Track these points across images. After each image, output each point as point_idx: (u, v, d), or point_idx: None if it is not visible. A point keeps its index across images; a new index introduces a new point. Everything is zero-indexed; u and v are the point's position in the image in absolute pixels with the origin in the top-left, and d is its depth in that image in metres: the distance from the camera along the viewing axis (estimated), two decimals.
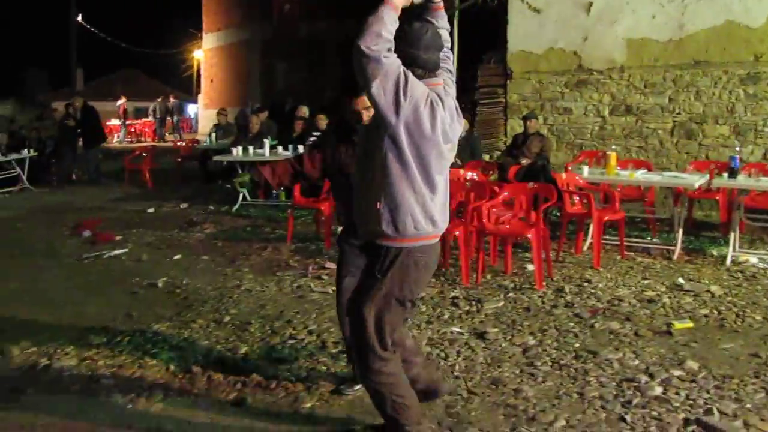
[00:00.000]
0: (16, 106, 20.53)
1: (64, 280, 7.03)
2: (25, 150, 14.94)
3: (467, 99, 11.63)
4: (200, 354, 4.76)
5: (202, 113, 28.65)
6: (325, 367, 4.48)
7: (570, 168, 8.48)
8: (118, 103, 30.11)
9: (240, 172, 10.75)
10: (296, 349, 4.79)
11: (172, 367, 4.55)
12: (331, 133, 11.50)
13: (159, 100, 29.69)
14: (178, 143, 20.46)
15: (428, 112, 2.90)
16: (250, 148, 10.87)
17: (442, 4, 3.22)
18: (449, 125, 3.00)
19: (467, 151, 9.02)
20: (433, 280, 6.46)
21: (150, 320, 5.56)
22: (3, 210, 12.08)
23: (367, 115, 3.80)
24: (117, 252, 8.10)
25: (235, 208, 10.71)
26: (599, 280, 6.33)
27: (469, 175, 7.81)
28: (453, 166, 8.32)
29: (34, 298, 6.39)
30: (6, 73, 29.41)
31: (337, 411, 3.87)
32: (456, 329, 5.15)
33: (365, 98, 3.86)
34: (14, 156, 14.64)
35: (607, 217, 7.12)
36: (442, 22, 3.22)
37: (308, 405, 3.94)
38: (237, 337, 5.14)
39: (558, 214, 8.21)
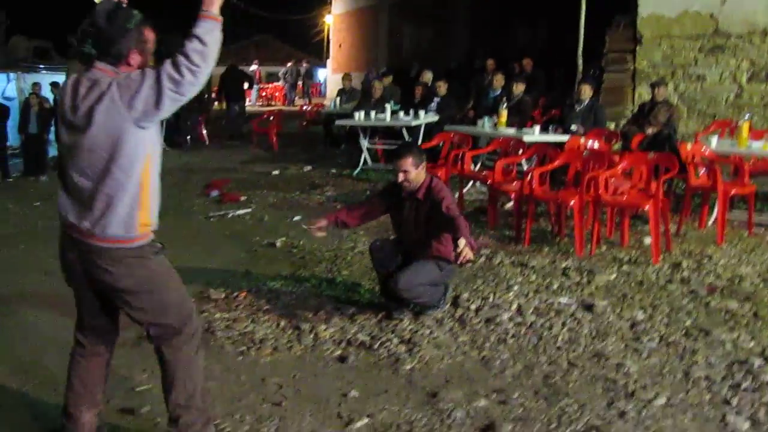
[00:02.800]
0: None
1: (191, 237, 7.44)
2: None
3: (595, 64, 11.26)
4: (310, 312, 4.97)
5: (331, 78, 29.11)
6: (428, 330, 4.56)
7: (699, 138, 8.08)
8: (252, 68, 31.10)
9: (362, 136, 10.96)
10: (403, 311, 4.88)
11: (282, 323, 4.77)
12: (451, 101, 11.49)
13: (290, 64, 30.46)
14: (304, 107, 20.96)
15: None
16: (372, 113, 10.98)
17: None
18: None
19: (590, 118, 8.76)
20: (547, 249, 6.41)
21: (266, 278, 5.82)
22: None
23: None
24: (241, 212, 8.48)
25: (356, 171, 10.91)
26: (721, 257, 6.04)
27: (590, 143, 7.59)
28: (573, 133, 8.22)
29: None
30: None
31: (435, 375, 3.95)
32: (564, 300, 5.08)
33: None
34: None
35: (734, 191, 6.76)
36: None
37: (408, 367, 4.05)
38: (347, 297, 5.31)
39: (683, 186, 7.86)
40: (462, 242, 4.13)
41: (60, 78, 15.25)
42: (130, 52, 2.79)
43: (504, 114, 9.10)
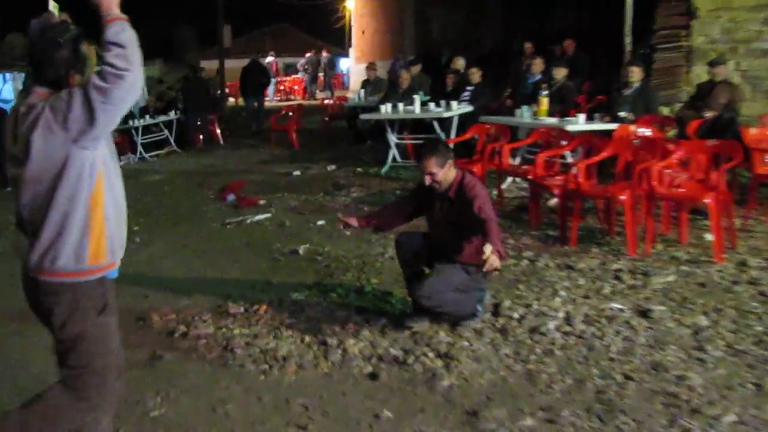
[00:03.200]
0: (164, 66, 21.81)
1: (206, 245, 7.50)
2: (173, 112, 15.95)
3: (644, 44, 11.14)
4: (337, 325, 4.96)
5: (354, 68, 29.19)
6: (467, 342, 4.54)
7: (765, 121, 7.95)
8: (268, 59, 31.29)
9: (389, 130, 10.95)
10: (418, 320, 4.85)
11: (307, 338, 4.77)
12: (486, 89, 11.44)
13: (310, 54, 30.57)
14: (326, 101, 21.02)
15: None
16: (400, 105, 10.97)
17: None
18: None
19: (640, 103, 8.65)
20: (595, 249, 6.34)
21: (289, 289, 5.83)
22: (150, 173, 13.02)
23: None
24: (260, 217, 8.52)
25: (384, 169, 10.92)
26: None
27: (641, 131, 7.50)
28: (622, 121, 8.12)
29: (177, 263, 6.88)
30: (154, 31, 31.11)
31: (476, 391, 3.92)
32: (616, 305, 5.02)
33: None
34: (162, 118, 15.67)
35: None
36: None
37: (445, 383, 4.02)
38: (377, 308, 5.30)
39: (748, 175, 7.74)
40: (488, 249, 4.09)
41: None
42: (68, 73, 2.79)
43: (545, 102, 9.03)
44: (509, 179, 8.92)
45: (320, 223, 8.04)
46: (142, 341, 5.01)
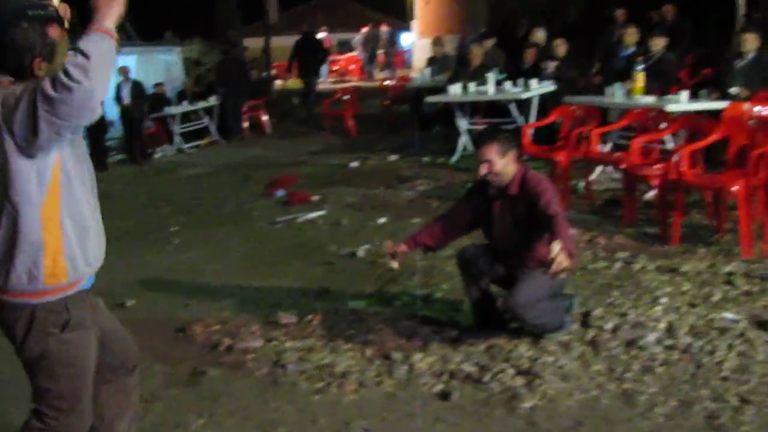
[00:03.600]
0: (203, 45, 22.08)
1: (253, 247, 7.60)
2: (213, 97, 16.11)
3: (760, 6, 10.87)
4: (402, 337, 4.97)
5: (417, 43, 29.13)
6: (552, 358, 4.49)
7: None
8: (320, 36, 31.45)
9: (459, 114, 10.91)
10: (518, 335, 4.83)
11: (368, 353, 4.79)
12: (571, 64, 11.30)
13: (367, 29, 30.62)
14: (386, 82, 21.04)
15: None
16: (471, 85, 10.93)
17: None
18: None
19: (756, 77, 8.43)
20: (702, 249, 6.23)
21: (347, 296, 5.88)
22: (190, 167, 13.24)
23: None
24: (313, 215, 8.60)
25: (454, 159, 10.90)
26: None
27: (757, 109, 7.32)
28: (734, 98, 7.94)
29: (221, 268, 6.98)
30: (192, 7, 31.48)
31: (563, 415, 3.88)
32: (729, 315, 4.92)
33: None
34: (201, 104, 15.85)
35: None
36: None
37: (527, 404, 3.99)
38: (448, 318, 5.29)
39: None
40: (557, 246, 4.04)
41: None
42: (33, 59, 2.73)
43: (640, 78, 8.88)
44: (598, 169, 8.81)
45: (381, 221, 8.06)
46: (182, 356, 5.10)
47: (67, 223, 2.77)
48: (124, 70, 15.10)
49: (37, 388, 2.91)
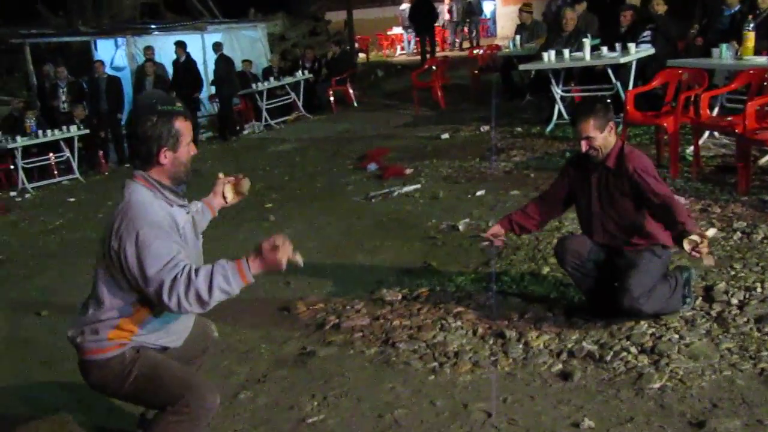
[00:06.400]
0: (287, 21, 22.08)
1: (350, 223, 7.52)
2: (299, 72, 16.13)
3: None
4: (514, 314, 4.82)
5: (501, 11, 28.67)
6: (676, 335, 4.27)
7: None
8: (402, 7, 31.15)
9: (553, 82, 10.63)
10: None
11: (479, 331, 4.64)
12: (671, 25, 10.89)
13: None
14: (475, 51, 20.73)
15: None
16: (565, 52, 10.60)
17: None
18: None
19: None
20: None
21: (451, 272, 5.74)
22: (279, 142, 13.26)
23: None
24: (408, 188, 8.47)
25: (549, 128, 10.63)
26: None
27: None
28: None
29: (319, 244, 6.92)
30: None
31: (697, 396, 3.66)
32: None
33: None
34: (288, 80, 15.88)
35: None
36: None
37: (655, 385, 3.79)
38: (559, 293, 5.11)
39: None
40: (694, 238, 3.85)
41: (176, 38, 15.87)
42: (160, 149, 3.11)
43: (750, 38, 8.46)
44: (707, 134, 8.46)
45: (479, 193, 7.88)
46: (288, 335, 5.06)
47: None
48: (217, 46, 15.19)
49: (153, 406, 3.27)
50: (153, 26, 18.67)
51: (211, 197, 3.74)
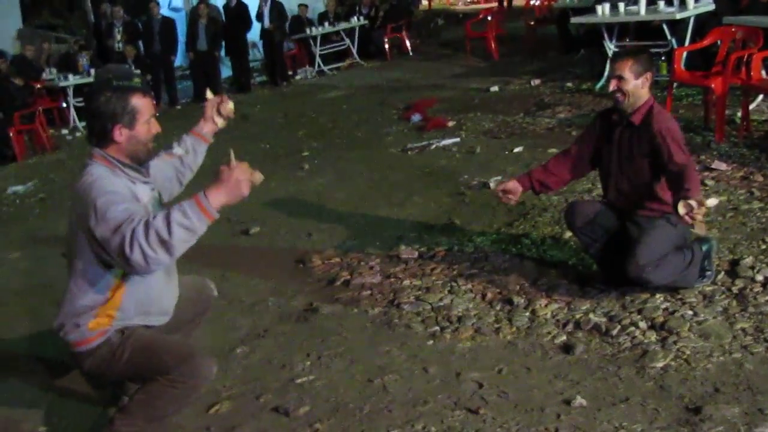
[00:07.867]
0: None
1: (383, 174, 7.39)
2: (355, 18, 15.91)
3: None
4: (527, 280, 4.64)
5: None
6: (691, 311, 4.06)
7: None
8: None
9: (606, 37, 10.28)
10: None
11: (488, 295, 4.50)
12: None
13: None
14: (532, 1, 20.26)
15: None
16: (620, 5, 10.24)
17: None
18: None
19: None
20: None
21: (473, 231, 5.58)
22: (328, 89, 13.14)
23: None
24: (447, 142, 8.29)
25: (599, 85, 10.29)
26: None
27: None
28: None
29: (347, 195, 6.84)
30: None
31: (700, 379, 3.46)
32: None
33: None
34: (343, 25, 15.68)
35: None
36: None
37: (659, 365, 3.60)
38: (578, 260, 4.91)
39: None
40: (691, 202, 3.60)
41: None
42: (114, 126, 3.01)
43: None
44: (759, 97, 8.07)
45: (517, 150, 7.66)
46: (298, 289, 5.00)
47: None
48: None
49: (147, 378, 3.09)
50: None
51: (202, 124, 3.64)
